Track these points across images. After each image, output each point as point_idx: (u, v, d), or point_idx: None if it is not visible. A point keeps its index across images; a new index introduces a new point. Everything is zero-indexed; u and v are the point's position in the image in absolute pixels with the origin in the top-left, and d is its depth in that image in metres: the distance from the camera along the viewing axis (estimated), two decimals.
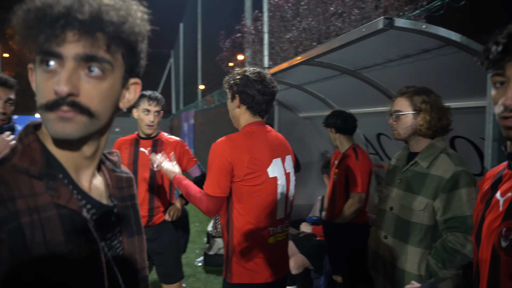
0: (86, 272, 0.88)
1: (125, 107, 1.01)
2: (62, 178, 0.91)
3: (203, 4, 14.20)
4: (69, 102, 0.84)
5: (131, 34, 0.90)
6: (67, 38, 0.83)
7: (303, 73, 3.75)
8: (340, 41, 2.29)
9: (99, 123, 0.91)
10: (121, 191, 1.10)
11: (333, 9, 6.07)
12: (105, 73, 0.89)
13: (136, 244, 1.10)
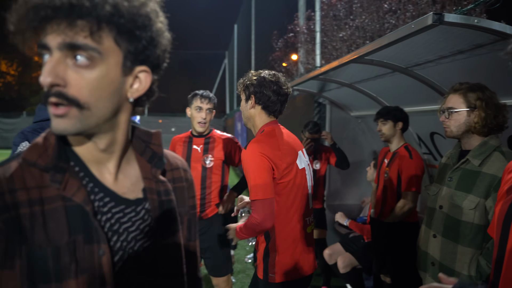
0: (86, 265, 0.89)
1: (134, 97, 0.96)
2: (77, 171, 0.94)
3: (256, 5, 14.33)
4: (55, 93, 0.83)
5: (123, 17, 0.85)
6: (49, 28, 0.82)
7: (354, 72, 3.73)
8: (389, 38, 2.28)
9: (93, 114, 0.87)
10: (159, 184, 1.05)
11: (387, 7, 5.96)
12: (93, 61, 0.85)
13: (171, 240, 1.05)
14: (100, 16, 0.83)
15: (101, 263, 0.91)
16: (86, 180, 0.96)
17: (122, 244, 0.96)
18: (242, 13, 18.19)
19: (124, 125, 0.99)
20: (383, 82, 3.67)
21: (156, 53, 0.94)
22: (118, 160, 1.00)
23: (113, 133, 0.96)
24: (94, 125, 0.90)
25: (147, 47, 0.91)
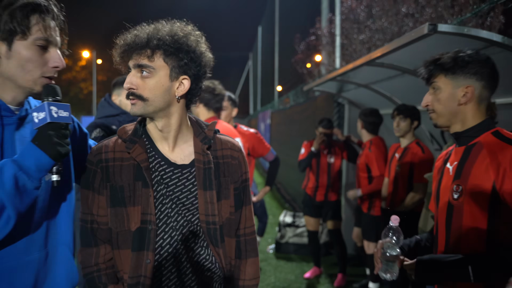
0: (141, 200, 1.45)
1: (179, 95, 1.45)
2: (146, 143, 1.49)
3: (280, 8, 14.71)
4: (130, 93, 1.43)
5: (168, 45, 1.40)
6: (130, 57, 1.43)
7: (369, 73, 4.05)
8: (393, 45, 2.61)
9: (151, 105, 1.41)
10: (205, 156, 1.51)
11: (405, 10, 6.25)
12: (151, 73, 1.41)
13: (209, 197, 1.48)
14: (151, 47, 1.41)
15: (148, 200, 1.45)
16: (150, 149, 1.50)
17: (166, 190, 1.47)
18: (266, 16, 18.59)
19: (176, 114, 1.49)
20: (396, 83, 3.98)
21: (195, 67, 1.46)
22: (174, 138, 1.51)
23: (167, 119, 1.48)
24: (152, 111, 1.44)
25: (187, 64, 1.44)
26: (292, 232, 6.06)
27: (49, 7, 1.32)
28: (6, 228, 1.23)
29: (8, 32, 1.26)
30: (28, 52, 1.29)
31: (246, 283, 1.63)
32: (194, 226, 1.50)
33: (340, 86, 5.30)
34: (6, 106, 1.34)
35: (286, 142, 9.52)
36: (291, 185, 9.16)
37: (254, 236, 1.67)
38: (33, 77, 1.32)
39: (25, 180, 1.21)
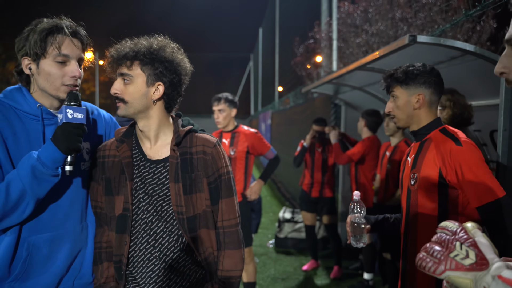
0: (123, 190, 1.69)
1: (155, 99, 1.65)
2: (133, 142, 1.72)
3: (280, 11, 14.97)
4: (115, 97, 1.64)
5: (145, 56, 1.61)
6: (116, 67, 1.64)
7: (362, 77, 4.32)
8: (379, 53, 2.88)
9: (131, 107, 1.62)
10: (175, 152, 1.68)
11: (399, 15, 6.51)
12: (130, 80, 1.62)
13: (177, 189, 1.65)
14: (129, 58, 1.63)
15: (127, 191, 1.68)
16: (135, 147, 1.74)
17: (141, 183, 1.69)
18: (267, 17, 18.86)
19: (154, 116, 1.68)
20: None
21: (170, 75, 1.65)
22: (154, 137, 1.72)
23: (146, 120, 1.69)
24: (132, 113, 1.66)
25: (162, 72, 1.64)
26: (291, 227, 6.32)
27: (62, 27, 1.62)
28: (27, 211, 1.55)
29: (35, 55, 1.60)
30: (49, 68, 1.62)
31: (224, 274, 1.72)
32: (168, 215, 1.68)
33: (336, 88, 5.57)
34: (47, 110, 1.68)
35: (286, 142, 9.79)
36: (291, 183, 9.43)
37: (234, 229, 1.75)
38: (56, 86, 1.64)
39: (41, 170, 1.52)
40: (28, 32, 1.62)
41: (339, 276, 5.09)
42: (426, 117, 2.01)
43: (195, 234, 1.69)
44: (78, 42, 1.67)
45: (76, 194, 1.73)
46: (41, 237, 1.64)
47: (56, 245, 1.68)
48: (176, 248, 1.69)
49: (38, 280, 1.65)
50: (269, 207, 9.21)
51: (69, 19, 1.69)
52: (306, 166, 5.33)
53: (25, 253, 1.62)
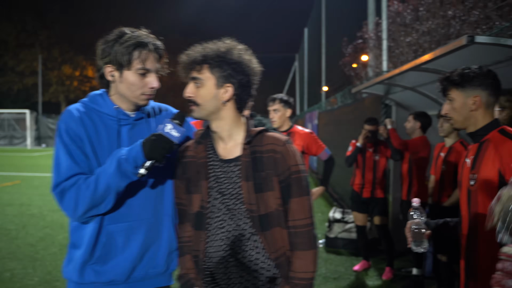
0: (199, 188, 1.78)
1: (225, 100, 1.71)
2: (209, 143, 1.81)
3: (327, 10, 14.92)
4: (188, 100, 1.73)
5: (213, 60, 1.69)
6: (187, 72, 1.74)
7: (416, 77, 4.31)
8: (435, 54, 2.91)
9: (204, 109, 1.71)
10: (246, 151, 1.73)
11: (451, 13, 6.35)
12: (201, 83, 1.71)
13: (248, 187, 1.70)
14: (199, 62, 1.72)
15: (203, 190, 1.77)
16: (210, 148, 1.82)
17: (215, 182, 1.77)
18: (313, 18, 18.82)
19: (226, 117, 1.75)
20: None
21: (238, 76, 1.73)
22: (226, 138, 1.79)
23: (218, 121, 1.77)
24: (205, 115, 1.75)
25: (231, 74, 1.72)
26: (341, 227, 6.35)
27: (147, 43, 1.80)
28: (110, 203, 1.74)
29: (119, 65, 1.78)
30: (132, 78, 1.80)
31: (295, 275, 1.71)
32: (240, 213, 1.73)
33: (387, 89, 5.56)
34: (123, 111, 1.87)
35: (334, 142, 9.80)
36: (339, 184, 9.43)
37: (306, 230, 1.73)
38: (136, 95, 1.83)
39: (124, 165, 1.69)
40: (113, 43, 1.78)
41: (391, 278, 5.09)
42: (483, 119, 2.04)
43: (267, 232, 1.71)
44: (157, 55, 1.84)
45: (150, 189, 1.89)
46: (118, 226, 1.83)
47: (131, 234, 1.85)
48: (248, 246, 1.73)
49: (114, 264, 1.83)
50: (317, 207, 9.25)
51: (148, 31, 1.87)
52: (357, 166, 5.36)
53: (104, 239, 1.82)
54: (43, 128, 31.79)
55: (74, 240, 1.86)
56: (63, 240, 6.43)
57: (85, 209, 1.72)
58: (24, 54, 40.28)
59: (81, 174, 1.75)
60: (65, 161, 1.75)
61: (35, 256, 5.66)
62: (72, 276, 1.85)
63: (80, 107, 1.85)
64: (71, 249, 1.88)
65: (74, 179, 1.73)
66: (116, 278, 1.84)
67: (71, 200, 1.71)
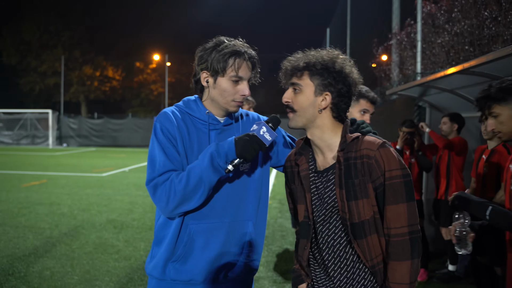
0: (302, 199, 1.79)
1: (322, 108, 1.69)
2: (310, 154, 1.81)
3: (351, 11, 14.84)
4: (286, 105, 1.74)
5: (314, 67, 1.69)
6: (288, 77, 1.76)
7: (456, 79, 4.28)
8: (488, 57, 2.89)
9: (300, 116, 1.70)
10: (339, 158, 1.69)
11: (487, 14, 6.27)
12: (300, 89, 1.71)
13: (341, 195, 1.67)
14: (300, 69, 1.72)
15: (306, 201, 1.79)
16: (311, 159, 1.82)
17: (317, 193, 1.77)
18: (336, 18, 18.74)
19: (322, 125, 1.73)
20: (482, 89, 4.18)
21: (337, 85, 1.70)
22: (325, 147, 1.76)
23: (315, 129, 1.75)
24: (302, 124, 1.74)
25: (331, 83, 1.70)
26: None
27: (242, 52, 1.86)
28: (202, 198, 1.80)
29: (214, 71, 1.85)
30: (225, 85, 1.87)
31: (390, 285, 1.64)
32: (337, 221, 1.73)
33: (422, 90, 5.52)
34: (214, 116, 1.94)
35: None
36: None
37: (401, 239, 1.64)
38: (227, 101, 1.89)
39: (217, 159, 1.76)
40: (211, 50, 1.86)
41: (425, 279, 5.06)
42: None
43: (362, 240, 1.67)
44: (251, 65, 1.90)
45: (233, 193, 1.95)
46: (200, 226, 1.89)
47: (212, 235, 1.91)
48: (347, 253, 1.72)
49: (195, 264, 1.89)
50: None
51: (244, 41, 1.93)
52: None
53: (186, 238, 1.88)
54: (65, 128, 32.28)
55: (158, 238, 1.95)
56: (97, 239, 6.54)
57: (177, 202, 1.78)
58: (46, 55, 40.94)
59: (174, 171, 1.83)
60: (159, 158, 1.84)
61: (72, 255, 5.76)
62: (154, 272, 1.93)
63: (175, 110, 1.95)
64: (154, 246, 1.97)
65: (168, 174, 1.82)
66: (194, 278, 1.90)
67: (164, 194, 1.79)
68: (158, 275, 1.92)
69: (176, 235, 1.89)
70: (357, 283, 1.73)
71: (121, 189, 11.63)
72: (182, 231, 1.89)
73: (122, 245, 6.24)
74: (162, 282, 1.93)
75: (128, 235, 6.81)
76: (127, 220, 7.86)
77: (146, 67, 45.88)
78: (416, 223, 1.66)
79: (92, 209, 8.80)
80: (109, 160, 20.59)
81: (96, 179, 13.57)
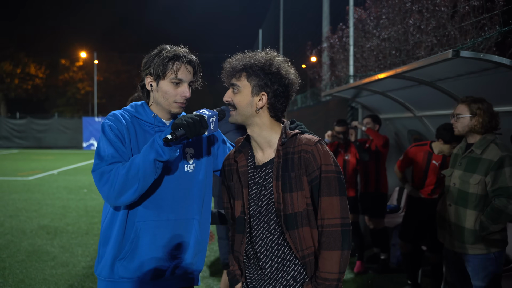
0: (239, 195, 1.88)
1: (259, 107, 1.78)
2: (249, 151, 1.90)
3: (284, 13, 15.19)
4: (228, 103, 1.85)
5: (251, 69, 1.78)
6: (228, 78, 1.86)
7: (388, 83, 4.60)
8: (419, 64, 3.18)
9: (240, 113, 1.80)
10: (278, 152, 1.79)
11: (411, 22, 6.80)
12: (238, 90, 1.81)
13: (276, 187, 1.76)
14: (237, 70, 1.82)
15: (243, 196, 1.87)
16: (250, 155, 1.91)
17: (255, 187, 1.86)
18: (268, 19, 19.08)
19: (260, 123, 1.83)
20: (411, 92, 4.55)
21: (273, 86, 1.79)
22: (263, 144, 1.86)
23: (253, 127, 1.84)
24: (241, 120, 1.84)
25: (266, 83, 1.79)
26: None
27: (181, 56, 1.95)
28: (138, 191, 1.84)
29: (157, 75, 1.95)
30: (166, 87, 1.96)
31: (320, 275, 1.71)
32: (272, 213, 1.81)
33: (356, 92, 5.86)
34: (160, 119, 2.03)
35: None
36: None
37: (333, 229, 1.71)
38: (169, 102, 1.98)
39: (156, 140, 1.82)
40: (154, 56, 1.96)
41: (362, 270, 5.37)
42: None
43: (294, 231, 1.75)
44: (191, 68, 1.98)
45: (178, 192, 2.02)
46: (146, 223, 1.96)
47: (159, 232, 1.97)
48: (279, 245, 1.80)
49: (142, 261, 1.95)
50: None
51: (186, 48, 2.02)
52: None
53: (133, 235, 1.94)
54: None
55: (105, 238, 1.98)
56: (29, 246, 6.22)
57: (119, 187, 1.82)
58: None
59: (120, 163, 1.89)
60: (108, 151, 1.89)
61: (2, 264, 5.44)
62: (103, 272, 1.96)
63: (123, 112, 2.01)
64: (101, 246, 2.00)
65: (115, 164, 1.87)
66: (142, 275, 1.95)
67: (108, 180, 1.83)
68: (107, 274, 1.95)
69: (122, 233, 1.94)
70: (287, 274, 1.81)
71: (51, 193, 11.09)
72: (129, 228, 1.94)
73: (57, 252, 5.99)
74: (111, 282, 1.96)
75: (63, 241, 6.55)
76: (61, 225, 7.54)
77: (72, 65, 43.82)
78: (347, 216, 1.75)
79: (21, 215, 8.32)
80: (35, 163, 19.47)
81: (22, 183, 12.81)
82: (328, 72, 9.21)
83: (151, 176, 1.83)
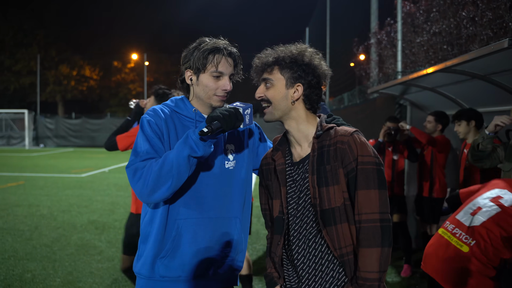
0: (278, 194, 1.82)
1: (294, 99, 1.74)
2: (287, 149, 1.84)
3: (331, 11, 14.96)
4: (260, 99, 1.79)
5: (283, 61, 1.75)
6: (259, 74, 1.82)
7: (437, 78, 4.36)
8: (470, 56, 2.96)
9: (276, 108, 1.75)
10: (314, 146, 1.74)
11: (465, 14, 6.42)
12: (271, 84, 1.76)
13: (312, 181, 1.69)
14: (269, 64, 1.78)
15: (282, 196, 1.81)
16: (288, 153, 1.85)
17: (294, 185, 1.79)
18: (315, 17, 18.87)
19: (296, 116, 1.78)
20: (462, 87, 4.29)
21: (307, 77, 1.76)
22: (301, 138, 1.80)
23: (290, 121, 1.79)
24: (278, 116, 1.78)
25: (300, 75, 1.76)
26: None
27: (221, 48, 1.90)
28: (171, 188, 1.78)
29: (197, 68, 1.90)
30: (206, 81, 1.91)
31: (360, 274, 1.62)
32: (310, 212, 1.73)
33: (404, 89, 5.61)
34: (201, 114, 1.97)
35: None
36: None
37: (371, 225, 1.62)
38: (210, 95, 1.93)
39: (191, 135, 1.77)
40: (193, 49, 1.92)
41: (409, 275, 5.14)
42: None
43: (332, 228, 1.67)
44: (231, 60, 1.93)
45: (219, 189, 1.96)
46: (188, 221, 1.90)
47: (200, 230, 1.92)
48: (316, 243, 1.73)
49: (183, 259, 1.90)
50: None
51: (226, 40, 1.97)
52: None
53: (174, 233, 1.90)
54: (41, 128, 31.63)
55: (144, 235, 1.95)
56: (78, 240, 6.45)
57: (152, 184, 1.77)
58: (21, 53, 40.06)
59: (154, 159, 1.85)
60: (143, 147, 1.86)
61: (53, 257, 5.66)
62: (142, 270, 1.92)
63: (163, 107, 1.97)
64: (141, 244, 1.97)
65: (149, 161, 1.83)
66: (183, 274, 1.90)
67: (142, 176, 1.80)
68: (147, 272, 1.91)
69: (162, 231, 1.90)
70: (325, 275, 1.72)
71: (101, 189, 11.47)
72: (170, 226, 1.90)
73: (104, 246, 6.16)
74: (151, 281, 1.92)
75: (110, 236, 6.73)
76: (109, 221, 7.76)
77: (124, 67, 45.33)
78: (387, 211, 1.65)
79: (72, 210, 8.66)
80: (88, 161, 20.29)
81: (75, 180, 13.36)
82: (376, 69, 8.94)
83: (185, 172, 1.78)
